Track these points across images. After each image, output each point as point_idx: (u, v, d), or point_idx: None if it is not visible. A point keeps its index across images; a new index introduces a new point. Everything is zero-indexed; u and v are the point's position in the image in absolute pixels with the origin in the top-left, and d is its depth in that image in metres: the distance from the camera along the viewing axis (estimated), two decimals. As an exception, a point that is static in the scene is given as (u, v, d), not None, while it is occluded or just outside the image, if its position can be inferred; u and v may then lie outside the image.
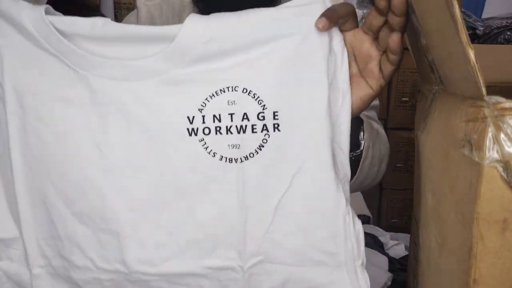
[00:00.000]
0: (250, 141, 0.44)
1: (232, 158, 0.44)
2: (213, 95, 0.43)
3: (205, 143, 0.43)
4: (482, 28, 1.83)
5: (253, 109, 0.43)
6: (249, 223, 0.46)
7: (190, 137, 0.43)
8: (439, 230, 0.45)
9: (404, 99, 1.76)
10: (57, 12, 0.44)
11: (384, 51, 0.43)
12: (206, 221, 0.46)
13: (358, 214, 0.50)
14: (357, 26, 0.43)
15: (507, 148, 0.33)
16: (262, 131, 0.43)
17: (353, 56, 0.44)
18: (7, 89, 0.44)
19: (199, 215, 0.46)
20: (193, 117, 0.43)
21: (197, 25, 0.41)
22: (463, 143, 0.37)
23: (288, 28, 0.42)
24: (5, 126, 0.45)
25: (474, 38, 1.84)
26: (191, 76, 0.43)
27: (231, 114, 0.43)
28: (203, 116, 0.43)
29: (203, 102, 0.43)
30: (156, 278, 0.48)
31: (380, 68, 0.44)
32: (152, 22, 0.69)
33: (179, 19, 0.67)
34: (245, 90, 0.43)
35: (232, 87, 0.42)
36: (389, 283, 0.73)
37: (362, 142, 0.54)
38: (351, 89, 0.44)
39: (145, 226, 0.46)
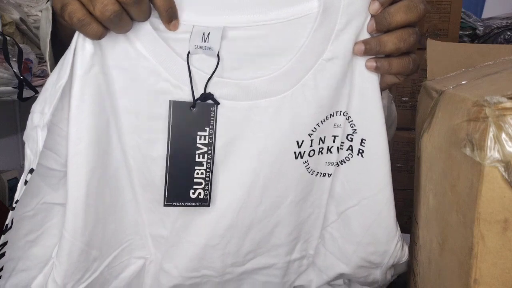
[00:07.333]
0: (341, 156, 0.49)
1: (326, 173, 0.49)
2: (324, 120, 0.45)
3: (308, 164, 0.46)
4: (482, 28, 1.83)
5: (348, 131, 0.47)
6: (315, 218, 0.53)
7: (296, 160, 0.45)
8: (440, 230, 0.45)
9: (404, 99, 1.76)
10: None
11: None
12: None
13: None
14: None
15: (508, 148, 0.33)
16: (347, 150, 0.48)
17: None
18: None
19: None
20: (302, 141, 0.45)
21: None
22: (464, 143, 0.37)
23: None
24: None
25: (474, 38, 1.85)
26: None
27: (335, 136, 0.46)
28: (311, 140, 0.45)
29: (314, 128, 0.45)
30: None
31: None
32: None
33: None
34: (345, 114, 0.46)
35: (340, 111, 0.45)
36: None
37: None
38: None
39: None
